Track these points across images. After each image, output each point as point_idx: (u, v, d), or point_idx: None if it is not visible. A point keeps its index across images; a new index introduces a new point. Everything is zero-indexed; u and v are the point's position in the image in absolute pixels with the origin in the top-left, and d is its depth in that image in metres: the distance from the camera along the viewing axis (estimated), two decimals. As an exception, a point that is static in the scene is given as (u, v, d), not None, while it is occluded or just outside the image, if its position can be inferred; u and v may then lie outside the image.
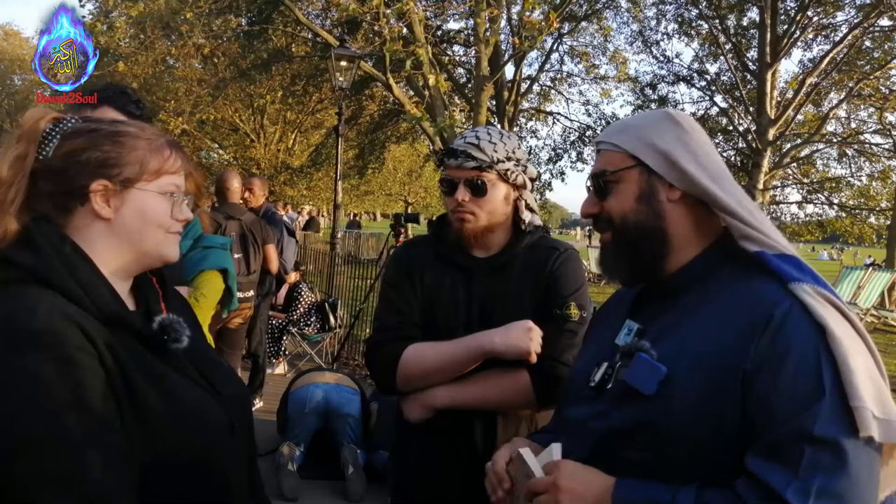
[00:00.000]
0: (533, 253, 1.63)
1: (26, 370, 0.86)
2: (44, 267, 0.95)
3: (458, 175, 1.57)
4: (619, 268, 1.17)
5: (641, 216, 1.11)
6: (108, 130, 1.04)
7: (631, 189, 1.12)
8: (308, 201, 25.25)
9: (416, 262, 1.67)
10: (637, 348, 1.06)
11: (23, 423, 0.85)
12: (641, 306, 1.18)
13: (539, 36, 8.76)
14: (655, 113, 1.17)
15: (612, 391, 1.09)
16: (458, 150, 1.57)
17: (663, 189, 1.10)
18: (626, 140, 1.13)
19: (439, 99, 10.90)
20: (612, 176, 1.13)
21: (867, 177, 16.59)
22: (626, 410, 1.04)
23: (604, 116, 18.13)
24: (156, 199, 1.06)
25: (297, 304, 6.27)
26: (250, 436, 1.19)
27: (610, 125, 1.24)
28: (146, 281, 1.13)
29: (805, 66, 15.41)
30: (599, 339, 1.23)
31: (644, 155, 1.11)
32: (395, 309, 1.63)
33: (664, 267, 1.12)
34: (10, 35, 40.05)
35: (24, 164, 1.00)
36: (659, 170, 1.10)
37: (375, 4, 8.58)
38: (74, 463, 0.86)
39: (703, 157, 1.09)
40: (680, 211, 1.11)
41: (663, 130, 1.11)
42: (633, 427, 1.03)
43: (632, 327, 1.14)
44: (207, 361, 1.15)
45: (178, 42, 12.74)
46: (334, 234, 8.81)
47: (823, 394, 0.91)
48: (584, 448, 1.09)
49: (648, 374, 1.02)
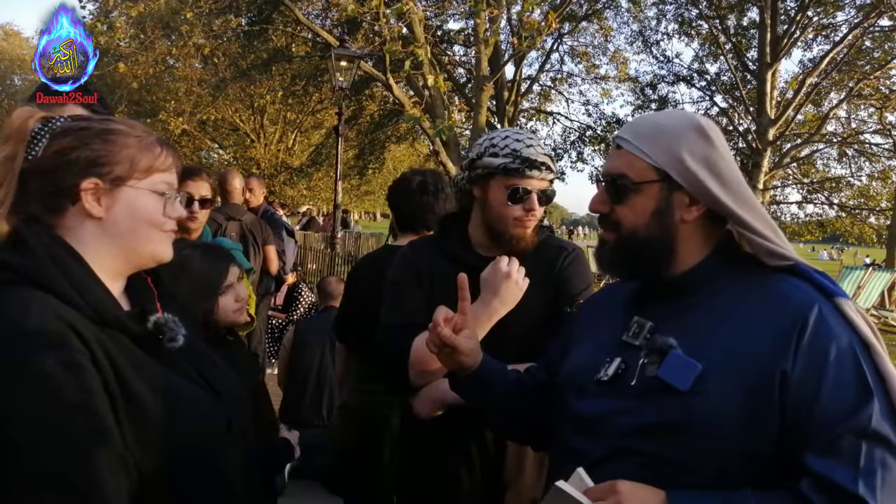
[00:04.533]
0: (541, 252, 1.65)
1: (18, 372, 0.86)
2: (36, 268, 0.94)
3: (537, 186, 1.57)
4: (618, 267, 1.18)
5: (652, 231, 1.10)
6: (98, 129, 1.03)
7: (649, 204, 1.10)
8: (308, 201, 25.24)
9: (423, 261, 1.67)
10: (669, 345, 1.05)
11: (13, 424, 0.85)
12: (644, 303, 1.16)
13: (539, 36, 8.76)
14: (686, 121, 1.13)
15: (637, 388, 1.06)
16: (540, 162, 1.56)
17: (681, 207, 1.09)
18: (654, 150, 1.09)
19: (439, 99, 10.91)
20: (632, 184, 1.10)
21: (867, 177, 16.61)
22: (657, 407, 1.03)
23: (604, 116, 18.14)
24: (147, 197, 1.05)
25: (297, 304, 6.28)
26: (249, 435, 1.18)
27: (634, 122, 1.19)
28: (141, 281, 1.12)
29: (805, 66, 15.42)
30: (597, 334, 1.21)
31: (672, 170, 1.08)
32: (403, 308, 1.63)
33: (667, 271, 1.12)
34: (10, 35, 40.03)
35: (13, 164, 0.99)
36: (687, 187, 1.08)
37: (375, 4, 8.58)
38: (69, 464, 0.86)
39: (729, 181, 1.09)
40: (692, 229, 1.11)
41: (693, 144, 1.09)
42: (666, 423, 1.02)
43: (643, 324, 1.12)
44: (205, 361, 1.14)
45: (178, 42, 12.73)
46: (334, 233, 8.81)
47: (872, 394, 0.95)
48: (604, 446, 1.07)
49: (684, 370, 1.01)
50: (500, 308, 1.52)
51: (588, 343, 1.23)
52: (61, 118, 1.04)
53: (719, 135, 1.13)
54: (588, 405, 1.13)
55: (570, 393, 1.18)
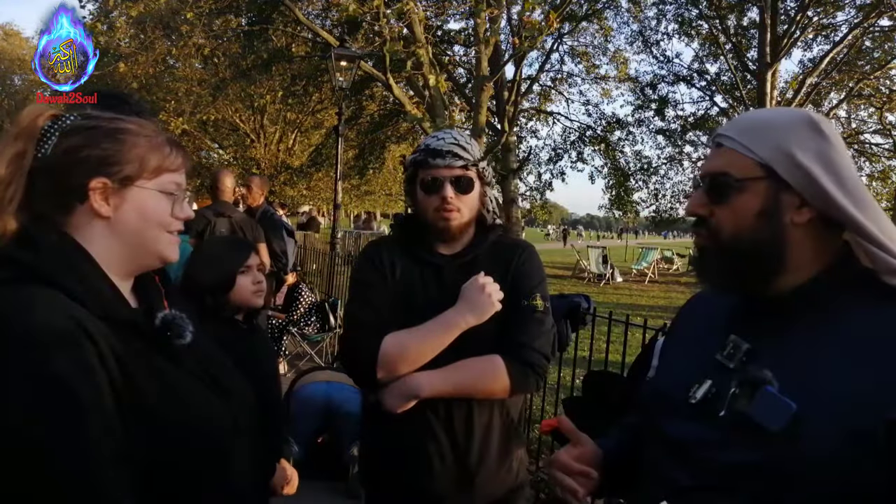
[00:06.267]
0: (498, 250, 1.74)
1: (29, 371, 0.85)
2: (44, 265, 0.93)
3: (445, 174, 1.66)
4: (721, 276, 1.06)
5: (758, 235, 0.98)
6: (108, 128, 1.03)
7: (753, 203, 0.99)
8: (308, 201, 25.24)
9: (386, 259, 1.71)
10: (762, 380, 0.94)
11: (25, 425, 0.84)
12: (745, 321, 1.04)
13: (539, 36, 8.75)
14: (796, 115, 1.02)
15: (726, 420, 0.97)
16: (444, 150, 1.65)
17: (790, 209, 0.98)
18: (760, 145, 0.99)
19: (439, 99, 10.90)
20: (735, 182, 1.00)
21: (867, 177, 16.60)
22: (746, 444, 0.93)
23: (604, 116, 18.15)
24: (156, 197, 1.04)
25: (297, 305, 6.28)
26: (257, 435, 1.18)
27: (737, 119, 1.08)
28: (148, 279, 1.12)
29: (805, 66, 15.45)
30: (692, 349, 1.11)
31: (780, 167, 0.97)
32: (370, 305, 1.66)
33: (775, 285, 1.00)
34: (10, 35, 40.02)
35: (22, 162, 0.99)
36: (796, 186, 0.96)
37: (375, 4, 8.57)
38: (81, 464, 0.86)
39: (847, 180, 0.96)
40: (803, 234, 0.98)
41: (804, 139, 0.97)
42: (756, 463, 0.92)
43: (739, 345, 1.01)
44: (213, 360, 1.14)
45: (179, 42, 12.71)
46: (334, 234, 8.81)
47: None
48: (691, 476, 0.99)
49: (776, 410, 0.91)
50: (472, 319, 1.58)
51: (679, 357, 1.14)
52: (71, 116, 1.04)
53: (834, 131, 1.01)
54: (678, 428, 1.04)
55: (662, 410, 1.09)
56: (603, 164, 18.17)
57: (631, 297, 14.34)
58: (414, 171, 1.71)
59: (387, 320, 1.62)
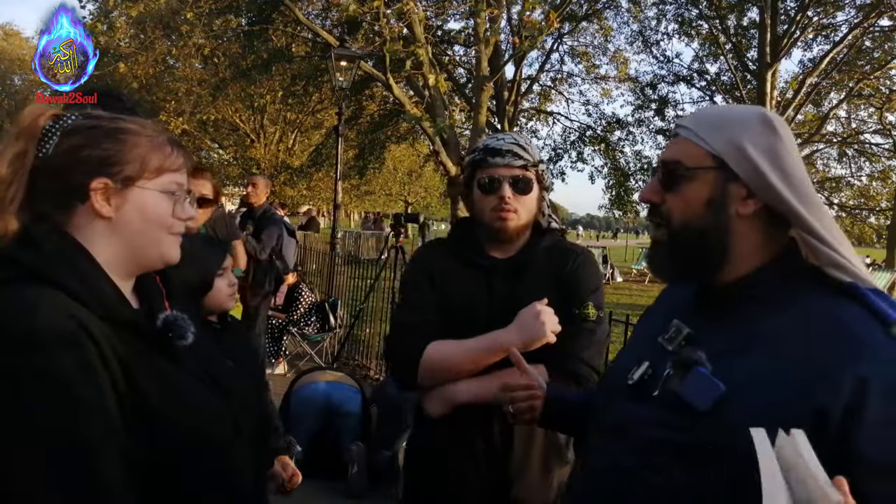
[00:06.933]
0: (551, 254, 1.69)
1: (31, 372, 0.85)
2: (45, 265, 0.93)
3: (504, 173, 1.62)
4: (668, 269, 1.12)
5: (706, 224, 1.02)
6: (109, 128, 1.03)
7: (702, 192, 1.03)
8: (308, 201, 25.24)
9: (436, 262, 1.71)
10: (694, 360, 0.98)
11: (28, 426, 0.84)
12: (693, 309, 1.10)
13: (539, 36, 8.76)
14: (751, 111, 1.06)
15: (659, 399, 1.01)
16: (504, 150, 1.62)
17: (736, 200, 1.01)
18: (714, 137, 1.02)
19: (439, 99, 10.90)
20: (686, 171, 1.04)
21: (867, 177, 16.64)
22: (676, 423, 0.97)
23: (604, 116, 18.16)
24: (157, 197, 1.04)
25: (298, 305, 6.28)
26: (258, 436, 1.17)
27: (697, 112, 1.14)
28: (149, 279, 1.12)
29: (805, 66, 15.45)
30: (642, 333, 1.17)
31: (730, 158, 1.01)
32: (415, 308, 1.66)
33: (719, 276, 1.05)
34: (10, 35, 40.01)
35: (23, 161, 0.98)
36: (744, 177, 1.00)
37: (375, 5, 8.58)
38: (84, 464, 0.85)
39: (793, 176, 1.00)
40: (748, 226, 1.02)
41: (757, 134, 1.01)
42: (684, 442, 0.96)
43: (680, 329, 1.07)
44: (213, 361, 1.14)
45: (179, 42, 12.71)
46: (334, 234, 8.81)
47: None
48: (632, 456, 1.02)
49: (705, 390, 0.95)
50: (520, 344, 1.51)
51: (633, 342, 1.20)
52: (73, 116, 1.03)
53: (787, 130, 1.04)
54: (619, 409, 1.08)
55: (603, 393, 1.15)
56: (603, 164, 18.21)
57: (631, 296, 14.33)
58: (472, 172, 1.67)
59: (430, 320, 1.62)
